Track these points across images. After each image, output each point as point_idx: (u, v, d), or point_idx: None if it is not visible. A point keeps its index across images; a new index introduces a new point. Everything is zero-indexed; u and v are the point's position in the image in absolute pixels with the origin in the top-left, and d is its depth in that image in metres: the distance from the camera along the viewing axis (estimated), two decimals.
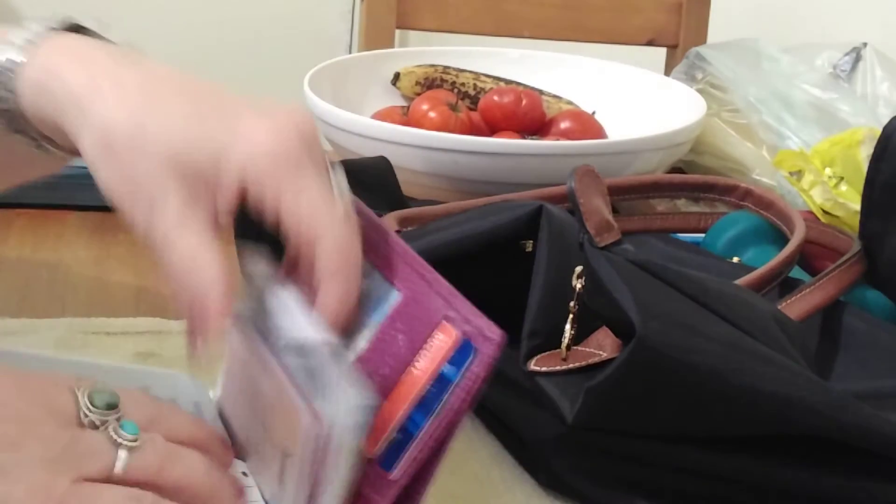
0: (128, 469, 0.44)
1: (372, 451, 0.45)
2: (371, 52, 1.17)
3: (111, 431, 0.44)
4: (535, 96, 1.03)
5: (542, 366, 0.57)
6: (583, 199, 0.57)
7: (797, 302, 0.65)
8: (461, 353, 0.44)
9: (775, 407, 0.52)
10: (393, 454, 0.44)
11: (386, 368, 0.46)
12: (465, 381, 0.43)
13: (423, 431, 0.44)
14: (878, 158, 0.70)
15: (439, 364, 0.44)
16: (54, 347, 0.65)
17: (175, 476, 0.45)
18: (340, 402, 0.44)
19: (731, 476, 0.54)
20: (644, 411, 0.54)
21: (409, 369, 0.45)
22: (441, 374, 0.44)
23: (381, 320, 0.48)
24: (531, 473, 0.58)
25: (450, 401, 0.43)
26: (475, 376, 0.43)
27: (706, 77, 1.06)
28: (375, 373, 0.46)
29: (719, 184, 0.82)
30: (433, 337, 0.45)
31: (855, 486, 0.54)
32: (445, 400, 0.43)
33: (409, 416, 0.44)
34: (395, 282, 0.48)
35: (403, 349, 0.46)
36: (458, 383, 0.43)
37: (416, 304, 0.47)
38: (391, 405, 0.45)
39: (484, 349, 0.43)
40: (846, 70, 1.06)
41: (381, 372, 0.46)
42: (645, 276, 0.54)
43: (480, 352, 0.43)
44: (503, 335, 0.43)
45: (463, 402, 0.43)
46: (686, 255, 0.75)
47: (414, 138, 0.88)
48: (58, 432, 0.43)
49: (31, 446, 0.42)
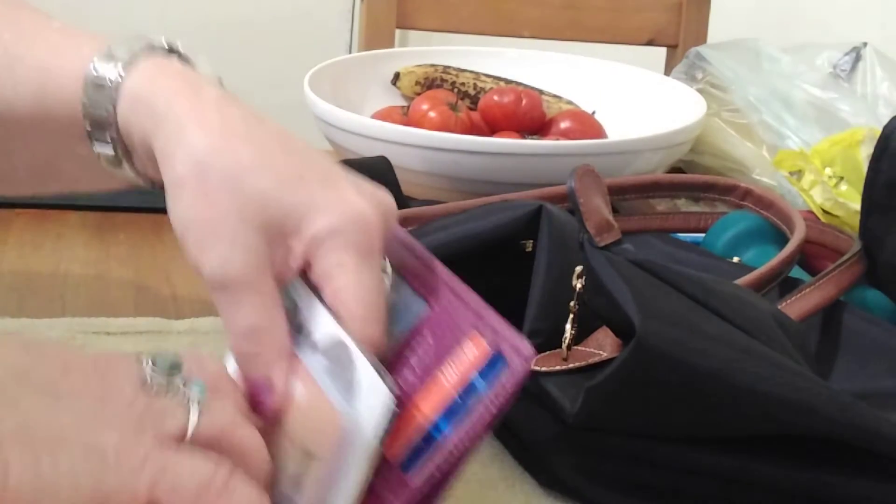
0: (199, 426, 0.43)
1: (395, 455, 0.45)
2: (371, 52, 1.17)
3: (182, 391, 0.44)
4: (535, 96, 1.03)
5: (542, 366, 0.57)
6: (583, 199, 0.57)
7: (797, 302, 0.65)
8: (491, 366, 0.44)
9: (775, 407, 0.52)
10: (415, 459, 0.44)
11: (410, 376, 0.46)
12: (494, 394, 0.43)
13: (448, 440, 0.43)
14: (878, 158, 0.70)
15: (469, 374, 0.44)
16: None
17: (238, 439, 0.45)
18: (366, 404, 0.44)
19: (731, 476, 0.54)
20: (644, 411, 0.54)
21: (436, 377, 0.45)
22: (470, 384, 0.44)
23: (408, 330, 0.48)
24: (531, 473, 0.58)
25: (477, 411, 0.43)
26: (504, 390, 0.43)
27: (706, 77, 1.06)
28: (399, 379, 0.46)
29: (719, 184, 0.82)
30: (462, 348, 0.45)
31: (855, 486, 0.54)
32: (473, 410, 0.43)
33: (434, 424, 0.44)
34: (423, 293, 0.48)
35: (431, 358, 0.46)
36: (487, 394, 0.43)
37: (445, 316, 0.47)
38: (417, 411, 0.45)
39: (515, 363, 0.43)
40: (846, 70, 1.06)
41: (405, 378, 0.46)
42: (645, 276, 0.54)
43: (511, 366, 0.43)
44: (534, 351, 0.43)
45: (490, 414, 0.43)
46: (686, 255, 0.75)
47: (414, 138, 0.88)
48: (137, 393, 0.43)
49: (116, 403, 0.42)
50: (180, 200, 0.48)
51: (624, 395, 0.53)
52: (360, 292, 0.47)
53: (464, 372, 0.44)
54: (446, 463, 0.44)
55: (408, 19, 1.41)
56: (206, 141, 0.49)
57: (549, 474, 0.56)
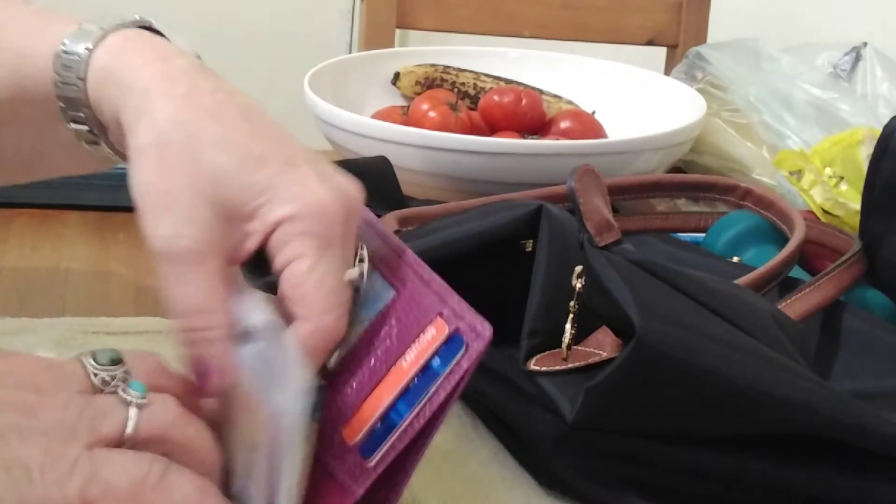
0: (139, 426, 0.43)
1: (353, 439, 0.45)
2: (371, 52, 1.17)
3: (120, 392, 0.44)
4: (535, 96, 1.03)
5: (542, 366, 0.57)
6: (583, 199, 0.57)
7: (797, 302, 0.65)
8: (450, 347, 0.44)
9: (775, 407, 0.52)
10: (374, 443, 0.45)
11: (375, 361, 0.46)
12: (452, 374, 0.44)
13: (405, 421, 0.44)
14: (878, 158, 0.70)
15: (428, 357, 0.45)
16: (54, 347, 0.65)
17: (184, 435, 0.45)
18: (291, 386, 0.44)
19: (731, 476, 0.54)
20: (644, 411, 0.54)
21: (398, 362, 0.46)
22: (428, 367, 0.44)
23: (374, 316, 0.48)
24: (531, 473, 0.58)
25: (435, 393, 0.44)
26: (460, 368, 0.44)
27: (706, 77, 1.06)
28: (365, 367, 0.47)
29: (719, 184, 0.82)
30: (425, 332, 0.45)
31: (855, 486, 0.54)
32: (430, 391, 0.44)
33: (392, 407, 0.45)
34: (393, 281, 0.48)
35: (395, 344, 0.46)
36: (445, 376, 0.44)
37: (412, 302, 0.47)
38: (377, 395, 0.45)
39: (473, 344, 0.44)
40: (846, 70, 1.06)
41: (369, 364, 0.47)
42: (645, 276, 0.54)
43: (470, 346, 0.44)
44: (492, 331, 0.43)
45: (445, 393, 0.43)
46: (686, 255, 0.75)
47: (414, 138, 0.88)
48: (73, 397, 0.43)
49: (48, 412, 0.42)
50: (139, 169, 0.48)
51: (624, 395, 0.53)
52: (316, 283, 0.47)
53: (422, 354, 0.45)
54: (403, 443, 0.44)
55: (408, 19, 1.41)
56: (170, 112, 0.48)
57: (549, 474, 0.56)
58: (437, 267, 0.65)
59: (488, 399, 0.60)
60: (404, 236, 0.68)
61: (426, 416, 0.44)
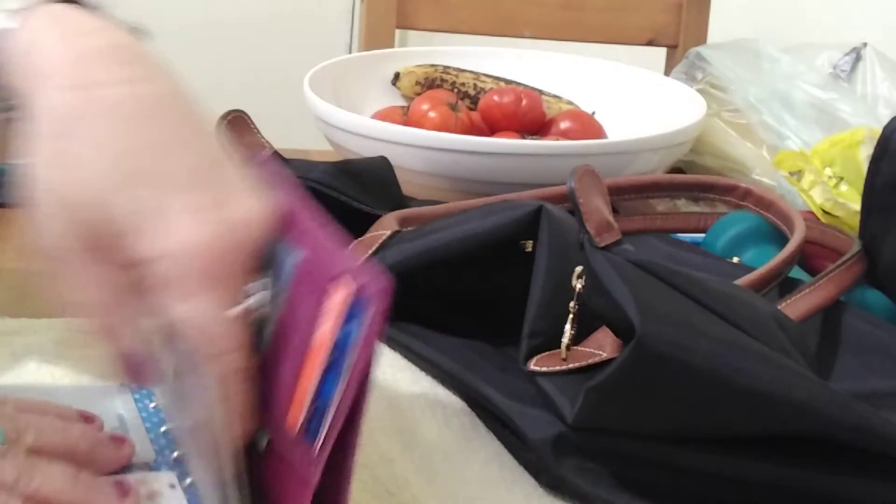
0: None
1: (295, 426, 0.44)
2: (371, 52, 1.17)
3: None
4: (535, 96, 1.03)
5: (542, 366, 0.57)
6: (583, 199, 0.57)
7: (797, 302, 0.65)
8: (355, 310, 0.42)
9: (775, 407, 0.52)
10: (314, 427, 0.43)
11: (297, 337, 0.44)
12: (362, 339, 0.41)
13: (335, 398, 0.42)
14: (878, 158, 0.70)
15: (337, 326, 0.42)
16: (54, 347, 0.65)
17: (33, 487, 0.44)
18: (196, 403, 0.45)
19: (731, 476, 0.54)
20: (644, 411, 0.54)
21: (315, 335, 0.43)
22: (340, 337, 0.42)
23: (288, 286, 0.45)
24: (531, 473, 0.58)
25: (354, 363, 0.41)
26: (371, 331, 0.41)
27: (706, 77, 1.06)
28: (293, 342, 0.45)
29: (719, 184, 0.82)
30: (331, 297, 0.43)
31: (855, 486, 0.54)
32: (351, 363, 0.41)
33: (321, 384, 0.43)
34: (299, 240, 0.45)
35: (310, 313, 0.44)
36: (356, 342, 0.41)
37: (317, 262, 0.44)
38: (306, 376, 0.44)
39: (375, 302, 0.41)
40: (846, 70, 1.06)
41: (294, 341, 0.44)
42: (645, 276, 0.54)
43: (372, 305, 0.41)
44: (389, 281, 0.40)
45: (364, 361, 0.41)
46: (686, 255, 0.75)
47: (414, 138, 0.88)
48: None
49: None
50: (29, 154, 0.45)
51: (624, 396, 0.53)
52: (196, 332, 0.44)
53: (333, 325, 0.42)
54: (340, 420, 0.42)
55: (408, 19, 1.41)
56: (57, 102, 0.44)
57: (549, 474, 0.56)
58: (437, 267, 0.65)
59: (488, 399, 0.60)
60: (404, 237, 0.68)
61: (353, 388, 0.41)
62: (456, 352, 0.63)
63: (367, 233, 0.70)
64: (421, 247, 0.66)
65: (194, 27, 2.62)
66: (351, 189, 0.74)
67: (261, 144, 0.69)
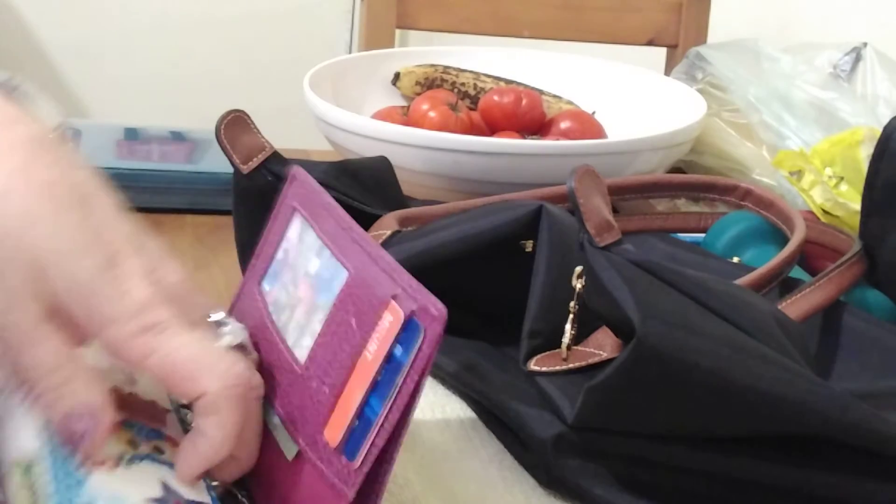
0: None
1: (335, 441, 0.45)
2: (371, 52, 1.17)
3: None
4: (535, 96, 1.03)
5: (542, 366, 0.57)
6: (583, 199, 0.57)
7: (797, 302, 0.65)
8: (409, 333, 0.43)
9: (775, 407, 0.52)
10: (355, 443, 0.44)
11: (342, 354, 0.46)
12: (416, 363, 0.42)
13: (381, 416, 0.43)
14: (878, 158, 0.70)
15: (389, 346, 0.44)
16: None
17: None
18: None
19: (731, 476, 0.54)
20: (644, 411, 0.54)
21: (363, 353, 0.45)
22: (391, 357, 0.43)
23: (333, 301, 0.47)
24: (531, 473, 0.58)
25: (403, 384, 0.43)
26: (423, 354, 0.42)
27: (706, 77, 1.06)
28: (334, 360, 0.46)
29: (719, 184, 0.82)
30: (382, 318, 0.44)
31: (855, 485, 0.54)
32: (398, 383, 0.43)
33: (365, 402, 0.44)
34: (343, 259, 0.47)
35: (356, 333, 0.45)
36: (408, 364, 0.43)
37: (364, 283, 0.46)
38: (349, 392, 0.45)
39: (430, 328, 0.42)
40: (846, 70, 1.06)
41: (338, 358, 0.46)
42: (645, 276, 0.54)
43: (427, 331, 0.42)
44: (445, 309, 0.42)
45: (413, 382, 0.42)
46: (686, 255, 0.75)
47: (414, 138, 0.88)
48: None
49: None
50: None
51: (624, 395, 0.53)
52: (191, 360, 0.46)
53: (383, 344, 0.44)
54: (383, 440, 0.43)
55: (408, 19, 1.41)
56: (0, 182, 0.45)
57: (549, 474, 0.56)
58: (438, 267, 0.65)
59: (488, 399, 0.60)
60: (404, 237, 0.68)
61: (400, 409, 0.43)
62: (456, 352, 0.63)
63: (368, 233, 0.70)
64: (421, 247, 0.66)
65: (195, 27, 2.63)
66: (351, 189, 0.74)
67: (261, 144, 0.69)
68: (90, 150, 0.93)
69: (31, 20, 2.58)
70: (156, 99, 2.50)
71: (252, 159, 0.69)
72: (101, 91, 2.61)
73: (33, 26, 2.59)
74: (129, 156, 0.94)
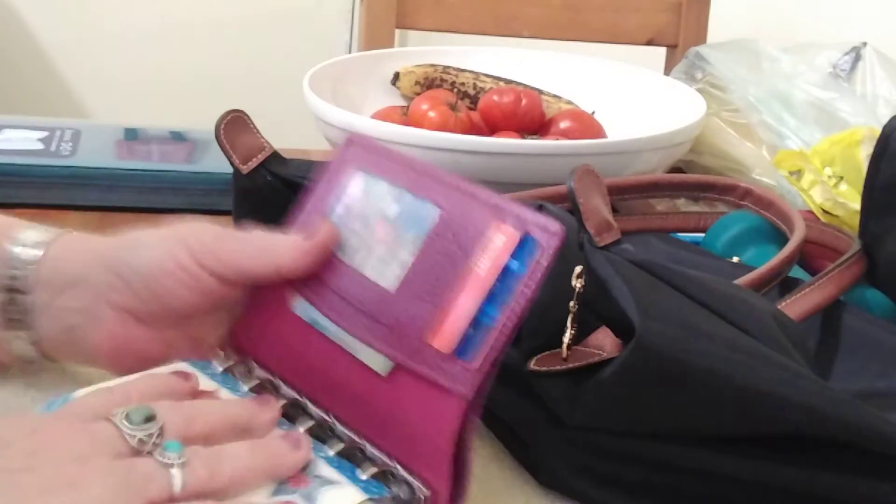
0: (185, 485, 0.44)
1: (449, 346, 0.49)
2: (371, 52, 1.17)
3: (157, 455, 0.45)
4: (535, 96, 1.03)
5: (542, 366, 0.57)
6: (583, 199, 0.56)
7: (797, 302, 0.65)
8: (522, 248, 0.49)
9: (775, 407, 0.52)
10: (469, 346, 0.49)
11: (447, 274, 0.50)
12: (531, 272, 0.48)
13: (499, 321, 0.48)
14: (878, 158, 0.70)
15: (503, 259, 0.49)
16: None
17: (226, 476, 0.46)
18: None
19: (730, 475, 0.54)
20: (644, 411, 0.54)
21: (469, 269, 0.50)
22: (507, 270, 0.49)
23: (425, 234, 0.52)
24: (531, 473, 0.58)
25: (521, 291, 0.48)
26: (540, 266, 0.48)
27: (706, 77, 1.06)
28: (437, 280, 0.50)
29: (719, 184, 0.82)
30: (490, 239, 0.50)
31: (855, 486, 0.53)
32: (514, 290, 0.48)
33: (481, 310, 0.49)
34: (431, 198, 0.53)
35: (458, 254, 0.50)
36: (525, 274, 0.48)
37: (462, 215, 0.51)
38: (461, 303, 0.49)
39: (547, 242, 0.48)
40: (846, 70, 1.06)
41: (443, 277, 0.50)
42: (645, 276, 0.54)
43: (543, 244, 0.48)
44: (562, 228, 0.48)
45: (531, 291, 0.48)
46: (686, 255, 0.75)
47: (414, 138, 0.88)
48: (113, 464, 0.44)
49: (94, 484, 0.43)
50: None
51: (623, 395, 0.53)
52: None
53: (497, 259, 0.49)
54: (501, 342, 0.48)
55: (408, 19, 1.41)
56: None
57: (549, 474, 0.56)
58: None
59: (488, 399, 0.60)
60: None
61: (517, 315, 0.48)
62: None
63: None
64: None
65: (194, 27, 2.63)
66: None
67: (260, 144, 0.69)
68: (90, 150, 0.93)
69: (31, 20, 2.58)
70: (156, 99, 2.50)
71: (252, 159, 0.69)
72: (101, 91, 2.61)
73: (33, 26, 2.59)
74: (129, 156, 0.94)
